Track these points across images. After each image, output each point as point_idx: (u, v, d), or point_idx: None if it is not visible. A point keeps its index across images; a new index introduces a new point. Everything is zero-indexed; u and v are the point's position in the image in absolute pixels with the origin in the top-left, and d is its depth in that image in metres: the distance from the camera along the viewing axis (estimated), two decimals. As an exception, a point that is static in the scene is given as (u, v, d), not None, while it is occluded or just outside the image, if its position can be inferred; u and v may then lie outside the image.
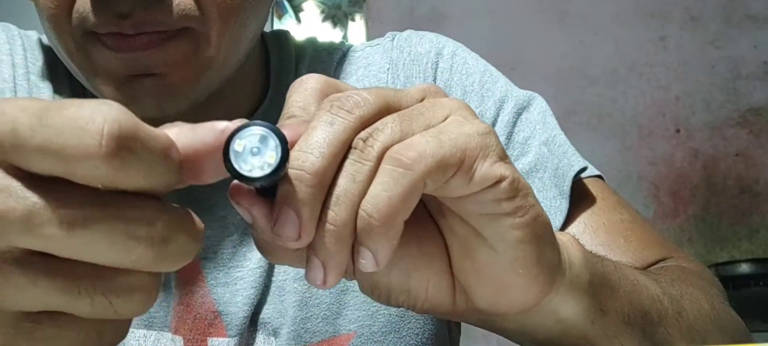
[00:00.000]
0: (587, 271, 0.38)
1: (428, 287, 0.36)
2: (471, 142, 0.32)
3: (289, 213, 0.30)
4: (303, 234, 0.30)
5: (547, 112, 0.65)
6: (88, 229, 0.25)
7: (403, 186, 0.30)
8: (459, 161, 0.31)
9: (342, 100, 0.32)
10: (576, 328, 0.38)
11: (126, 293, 0.27)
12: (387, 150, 0.31)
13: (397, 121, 0.32)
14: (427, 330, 0.61)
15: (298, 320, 0.57)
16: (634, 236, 0.60)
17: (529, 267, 0.34)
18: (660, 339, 0.43)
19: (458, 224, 0.35)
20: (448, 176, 0.31)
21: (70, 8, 0.50)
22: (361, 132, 0.31)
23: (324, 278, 0.31)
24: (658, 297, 0.44)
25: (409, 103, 0.34)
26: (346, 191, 0.30)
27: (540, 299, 0.35)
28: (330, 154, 0.30)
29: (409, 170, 0.30)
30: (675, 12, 2.24)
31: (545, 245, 0.34)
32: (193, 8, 0.50)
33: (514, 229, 0.33)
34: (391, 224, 0.31)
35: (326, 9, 2.37)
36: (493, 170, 0.32)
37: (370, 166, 0.31)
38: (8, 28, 0.64)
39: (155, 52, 0.50)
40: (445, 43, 0.68)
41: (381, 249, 0.31)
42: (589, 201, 0.61)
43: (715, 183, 2.19)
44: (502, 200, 0.32)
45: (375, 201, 0.30)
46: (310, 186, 0.30)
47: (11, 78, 0.60)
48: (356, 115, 0.31)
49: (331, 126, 0.31)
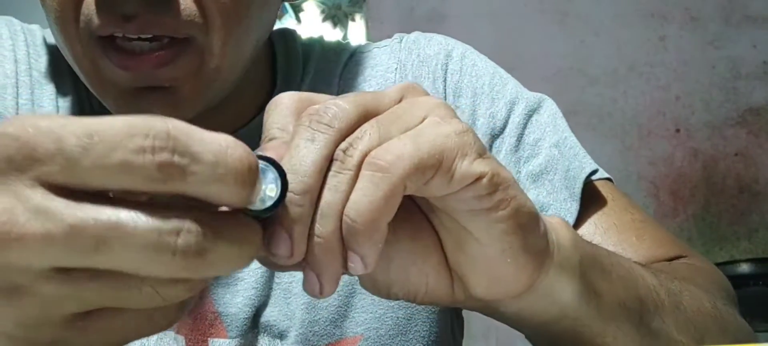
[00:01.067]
0: (577, 252, 0.39)
1: (428, 280, 0.37)
2: (448, 143, 0.32)
3: (281, 233, 0.31)
4: (294, 252, 0.31)
5: (557, 115, 0.65)
6: (123, 246, 0.26)
7: (383, 190, 0.31)
8: (437, 162, 0.32)
9: (320, 113, 0.32)
10: (570, 309, 0.39)
11: (171, 283, 0.27)
12: (365, 156, 0.32)
13: (375, 127, 0.32)
14: (432, 333, 0.61)
15: (306, 323, 0.57)
16: (646, 234, 0.60)
17: (516, 256, 0.35)
18: (657, 328, 0.43)
19: (447, 219, 0.35)
20: (428, 177, 0.32)
21: (76, 10, 0.50)
22: (341, 143, 0.32)
23: (320, 289, 0.32)
24: (654, 288, 0.44)
25: (388, 104, 0.34)
26: (330, 203, 0.31)
27: (531, 283, 0.36)
28: (314, 172, 0.31)
29: (387, 174, 0.31)
30: (675, 12, 2.24)
31: (529, 232, 0.35)
32: (196, 14, 0.50)
33: (498, 222, 0.34)
34: (375, 228, 0.31)
35: (326, 9, 2.36)
36: (471, 169, 0.32)
37: (351, 175, 0.31)
38: (11, 22, 0.63)
39: (162, 70, 0.50)
40: (454, 46, 0.67)
41: (367, 252, 0.32)
42: (599, 203, 0.61)
43: (714, 183, 2.19)
44: (482, 196, 0.33)
45: (357, 207, 0.31)
46: (299, 206, 0.31)
47: (13, 74, 0.60)
48: (335, 127, 0.32)
49: (313, 142, 0.31)
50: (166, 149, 0.26)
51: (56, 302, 0.27)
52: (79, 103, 0.60)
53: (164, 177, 0.26)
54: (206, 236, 0.27)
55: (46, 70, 0.61)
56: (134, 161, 0.25)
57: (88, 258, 0.26)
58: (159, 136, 0.26)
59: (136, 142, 0.25)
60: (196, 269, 0.27)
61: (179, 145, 0.26)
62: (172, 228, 0.26)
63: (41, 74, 0.61)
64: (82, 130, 0.25)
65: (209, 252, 0.27)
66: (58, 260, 0.26)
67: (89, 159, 0.25)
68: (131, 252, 0.26)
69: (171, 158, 0.26)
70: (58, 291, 0.27)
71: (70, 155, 0.25)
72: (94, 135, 0.25)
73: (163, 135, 0.26)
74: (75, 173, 0.25)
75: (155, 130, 0.26)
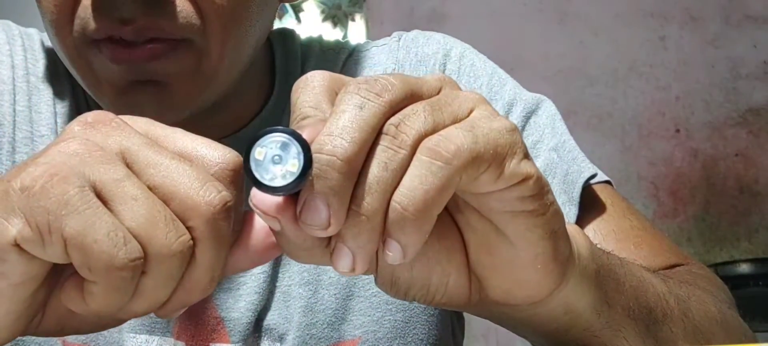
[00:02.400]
0: (594, 262, 0.38)
1: (449, 281, 0.36)
2: (501, 139, 0.31)
3: (318, 201, 0.29)
4: (333, 222, 0.29)
5: (555, 117, 0.64)
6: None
7: (441, 180, 0.30)
8: (492, 157, 0.31)
9: (370, 83, 0.31)
10: (582, 319, 0.39)
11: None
12: (420, 139, 0.30)
13: (428, 109, 0.31)
14: (432, 335, 0.61)
15: (304, 326, 0.57)
16: (644, 242, 0.59)
17: (547, 262, 0.34)
18: (664, 337, 0.43)
19: (476, 219, 0.34)
20: (481, 172, 0.31)
21: (71, 13, 0.49)
22: (390, 118, 0.31)
23: (352, 266, 0.31)
24: (664, 296, 0.44)
25: (429, 92, 0.33)
26: (379, 179, 0.30)
27: (553, 290, 0.35)
28: (361, 140, 0.30)
29: (447, 165, 0.30)
30: (675, 12, 2.23)
31: (560, 239, 0.34)
32: (194, 17, 0.49)
33: (537, 226, 0.33)
34: (426, 218, 0.30)
35: (326, 9, 2.36)
36: (520, 168, 0.32)
37: (404, 155, 0.30)
38: (8, 26, 0.63)
39: (158, 63, 0.49)
40: (453, 45, 0.67)
41: (411, 243, 0.30)
42: (598, 208, 0.61)
43: (714, 183, 2.19)
44: (526, 197, 0.32)
45: (412, 194, 0.30)
46: (340, 172, 0.29)
47: (10, 79, 0.59)
48: (386, 99, 0.31)
49: (361, 110, 0.30)
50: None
51: None
52: (77, 108, 0.60)
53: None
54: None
55: (44, 75, 0.60)
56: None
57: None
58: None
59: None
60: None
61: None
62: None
63: (39, 79, 0.60)
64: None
65: None
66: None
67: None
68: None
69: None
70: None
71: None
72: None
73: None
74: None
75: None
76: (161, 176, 0.30)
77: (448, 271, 0.35)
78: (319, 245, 0.32)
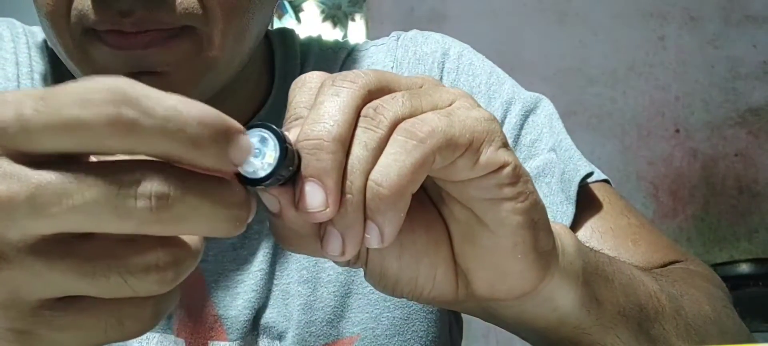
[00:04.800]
0: (580, 259, 0.39)
1: (436, 274, 0.36)
2: (478, 126, 0.32)
3: (313, 184, 0.30)
4: (330, 202, 0.30)
5: (553, 116, 0.64)
6: (86, 200, 0.25)
7: (415, 158, 0.31)
8: (467, 142, 0.32)
9: (343, 74, 0.32)
10: (572, 317, 0.39)
11: (141, 272, 0.27)
12: (398, 122, 0.31)
13: (407, 96, 0.32)
14: (430, 333, 0.61)
15: (303, 324, 0.57)
16: (642, 239, 0.59)
17: (527, 252, 0.35)
18: (656, 335, 0.43)
19: (459, 209, 0.35)
20: (456, 155, 0.32)
21: (68, 5, 0.49)
22: (369, 102, 0.32)
23: (342, 248, 0.31)
24: (655, 294, 0.44)
25: (408, 84, 0.34)
26: (360, 158, 0.31)
27: (536, 284, 0.36)
28: (343, 121, 0.31)
29: (421, 143, 0.31)
30: (674, 12, 2.23)
31: (541, 230, 0.35)
32: (196, 7, 0.49)
33: (515, 214, 0.34)
34: (400, 196, 0.31)
35: (326, 9, 2.36)
36: (497, 156, 0.33)
37: (382, 135, 0.31)
38: (13, 24, 0.63)
39: (156, 50, 0.49)
40: (451, 44, 0.67)
41: (388, 223, 0.31)
42: (595, 206, 0.61)
43: (714, 183, 2.19)
44: (504, 185, 0.33)
45: (386, 171, 0.31)
46: (330, 153, 0.30)
47: (15, 77, 0.59)
48: (360, 83, 0.32)
49: (338, 96, 0.31)
50: (116, 104, 0.25)
51: (24, 281, 0.27)
52: None
53: (113, 132, 0.25)
54: (171, 186, 0.26)
55: (48, 75, 0.60)
56: (82, 116, 0.25)
57: (54, 218, 0.25)
58: (110, 92, 0.25)
59: (87, 97, 0.25)
60: (163, 222, 0.26)
61: (130, 100, 0.25)
62: (133, 179, 0.25)
63: (42, 78, 0.60)
64: (38, 93, 0.25)
65: (176, 204, 0.26)
66: (25, 227, 0.26)
67: (40, 120, 0.25)
68: (93, 204, 0.25)
69: (119, 112, 0.25)
70: (29, 266, 0.26)
71: (24, 119, 0.25)
72: (47, 97, 0.25)
73: (114, 91, 0.25)
74: (31, 136, 0.25)
75: (107, 86, 0.25)
76: None
77: (436, 263, 0.36)
78: (312, 231, 0.32)
